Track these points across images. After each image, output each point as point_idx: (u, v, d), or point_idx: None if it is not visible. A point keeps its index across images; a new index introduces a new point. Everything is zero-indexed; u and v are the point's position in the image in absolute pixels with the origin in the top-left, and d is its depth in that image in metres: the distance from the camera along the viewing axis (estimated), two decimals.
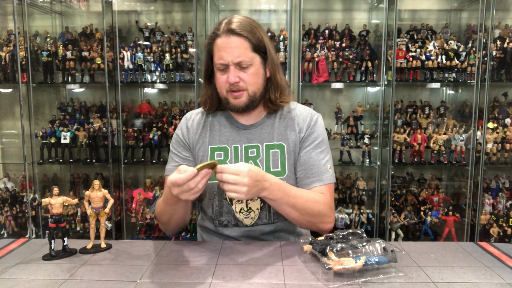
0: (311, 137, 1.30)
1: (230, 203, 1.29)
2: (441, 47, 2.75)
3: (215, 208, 1.31)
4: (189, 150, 1.34)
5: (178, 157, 1.33)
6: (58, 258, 1.07)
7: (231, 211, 1.29)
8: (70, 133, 2.87)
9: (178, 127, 1.38)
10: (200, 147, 1.32)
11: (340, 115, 2.90)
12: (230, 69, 1.20)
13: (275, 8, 3.08)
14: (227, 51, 1.18)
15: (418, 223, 2.76)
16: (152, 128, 2.84)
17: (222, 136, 1.31)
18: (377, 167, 2.82)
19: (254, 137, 1.30)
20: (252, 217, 1.28)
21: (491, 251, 1.15)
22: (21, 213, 2.96)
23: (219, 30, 1.20)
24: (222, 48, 1.19)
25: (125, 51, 2.80)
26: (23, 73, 2.82)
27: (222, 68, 1.21)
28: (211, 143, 1.31)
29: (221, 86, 1.24)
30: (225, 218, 1.30)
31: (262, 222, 1.29)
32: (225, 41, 1.19)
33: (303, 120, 1.32)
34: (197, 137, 1.33)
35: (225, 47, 1.19)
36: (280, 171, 1.27)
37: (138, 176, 3.19)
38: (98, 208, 1.13)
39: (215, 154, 1.30)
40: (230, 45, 1.18)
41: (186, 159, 1.33)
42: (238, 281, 0.94)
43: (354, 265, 0.93)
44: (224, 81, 1.22)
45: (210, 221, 1.34)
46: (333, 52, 2.78)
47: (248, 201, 1.28)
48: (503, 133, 2.72)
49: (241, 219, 1.29)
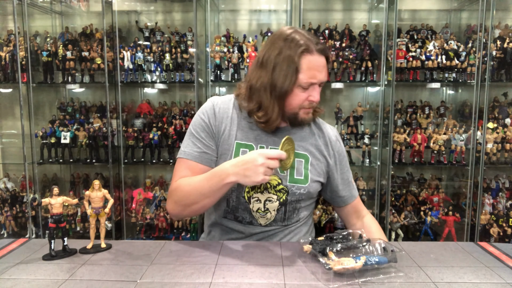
0: (342, 156, 1.38)
1: (248, 201, 1.28)
2: (441, 47, 2.75)
3: (232, 203, 1.30)
4: (213, 139, 1.28)
5: (202, 144, 1.27)
6: (58, 258, 1.07)
7: (248, 209, 1.29)
8: (70, 133, 2.87)
9: (204, 111, 1.30)
10: (225, 139, 1.27)
11: (340, 115, 2.90)
12: (315, 88, 1.21)
13: (275, 8, 3.08)
14: (320, 70, 1.19)
15: (418, 223, 2.76)
16: (152, 128, 2.84)
17: (249, 134, 1.28)
18: (377, 167, 2.82)
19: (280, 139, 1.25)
20: (268, 218, 1.29)
21: (491, 251, 1.15)
22: (21, 213, 2.96)
23: (310, 47, 1.17)
24: (316, 68, 1.19)
25: (125, 51, 2.80)
26: (23, 73, 2.82)
27: (307, 86, 1.20)
28: (238, 138, 1.27)
29: (298, 103, 1.22)
30: (240, 215, 1.30)
31: (276, 224, 1.31)
32: (319, 60, 1.19)
33: (334, 136, 1.39)
34: (223, 127, 1.28)
35: (319, 65, 1.19)
36: (303, 179, 1.29)
37: (138, 176, 3.19)
38: (98, 208, 1.13)
39: (240, 151, 1.27)
40: (322, 65, 1.20)
41: (210, 147, 1.28)
42: (238, 281, 0.94)
43: (354, 265, 0.93)
44: (304, 99, 1.21)
45: (222, 213, 1.34)
46: (333, 52, 2.78)
47: (266, 202, 1.28)
48: (503, 133, 2.72)
49: (257, 218, 1.30)
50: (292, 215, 1.32)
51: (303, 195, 1.29)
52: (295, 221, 1.34)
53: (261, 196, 1.27)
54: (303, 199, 1.31)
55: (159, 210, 2.86)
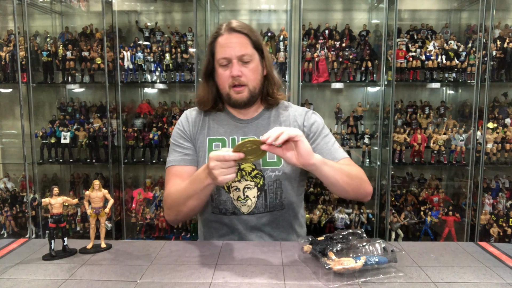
0: (313, 128, 1.37)
1: (228, 190, 1.32)
2: (441, 47, 2.75)
3: (214, 196, 1.34)
4: (191, 141, 1.38)
5: (181, 148, 1.36)
6: (58, 258, 1.07)
7: (229, 199, 1.32)
8: (70, 133, 2.87)
9: (179, 122, 1.42)
10: (199, 138, 1.37)
11: (340, 115, 2.90)
12: (233, 63, 1.27)
13: (275, 8, 3.08)
14: (230, 46, 1.26)
15: (418, 223, 2.76)
16: (152, 128, 2.84)
17: (220, 129, 1.37)
18: (377, 167, 2.82)
19: (251, 131, 1.36)
20: (249, 205, 1.32)
21: (491, 251, 1.15)
22: (21, 213, 2.96)
23: (221, 29, 1.29)
24: (225, 44, 1.27)
25: (125, 51, 2.80)
26: (23, 73, 2.82)
27: (225, 63, 1.28)
28: (209, 135, 1.37)
29: (224, 81, 1.30)
30: (223, 207, 1.33)
31: (258, 211, 1.32)
32: (228, 37, 1.28)
33: (300, 115, 1.40)
34: (197, 129, 1.38)
35: (228, 42, 1.27)
36: (276, 161, 1.32)
37: (138, 176, 3.19)
38: (98, 208, 1.13)
39: (213, 145, 1.35)
40: (232, 41, 1.27)
41: (189, 148, 1.37)
42: (238, 281, 0.94)
43: (354, 265, 0.93)
44: (227, 76, 1.28)
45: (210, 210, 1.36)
46: (333, 52, 2.78)
47: (245, 189, 1.31)
48: (503, 133, 2.72)
49: (239, 207, 1.32)
50: (274, 201, 1.32)
51: (279, 176, 1.31)
52: (279, 207, 1.33)
53: (239, 184, 1.31)
54: (282, 182, 1.32)
55: (159, 210, 2.86)
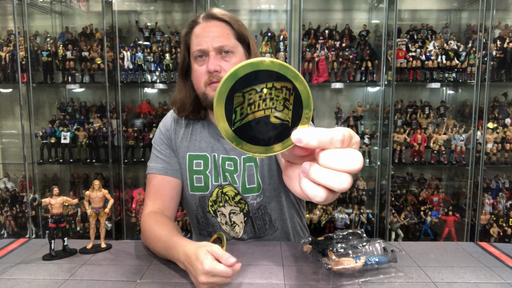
0: None
1: (215, 215, 1.23)
2: (441, 47, 2.75)
3: (201, 219, 1.25)
4: (173, 150, 1.24)
5: (163, 155, 1.23)
6: (58, 258, 1.07)
7: (217, 223, 1.23)
8: (70, 133, 2.87)
9: (162, 123, 1.27)
10: (180, 153, 1.22)
11: (340, 115, 2.90)
12: (210, 56, 1.06)
13: (275, 8, 3.08)
14: (206, 35, 1.06)
15: (418, 223, 2.76)
16: (152, 128, 2.84)
17: (202, 143, 1.20)
18: (377, 167, 2.82)
19: (232, 148, 1.18)
20: (237, 231, 1.23)
21: (491, 251, 1.15)
22: (21, 213, 2.96)
23: (199, 18, 1.11)
24: (201, 34, 1.07)
25: (125, 51, 2.80)
26: (23, 73, 2.82)
27: (201, 55, 1.08)
28: (190, 149, 1.21)
29: (199, 78, 1.10)
30: (211, 230, 1.26)
31: (248, 236, 1.24)
32: (205, 25, 1.08)
33: None
34: (179, 136, 1.23)
35: (204, 31, 1.07)
36: (256, 187, 1.18)
37: (138, 176, 3.19)
38: (98, 208, 1.12)
39: (193, 163, 1.20)
40: (210, 29, 1.07)
41: (172, 157, 1.23)
42: (238, 281, 0.94)
43: (354, 265, 0.93)
44: (203, 72, 1.08)
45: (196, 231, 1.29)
46: (333, 52, 2.78)
47: (231, 215, 1.21)
48: (503, 133, 2.72)
49: (228, 231, 1.24)
50: (263, 227, 1.23)
51: (262, 202, 1.20)
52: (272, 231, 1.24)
53: (224, 209, 1.21)
54: (266, 206, 1.21)
55: None
